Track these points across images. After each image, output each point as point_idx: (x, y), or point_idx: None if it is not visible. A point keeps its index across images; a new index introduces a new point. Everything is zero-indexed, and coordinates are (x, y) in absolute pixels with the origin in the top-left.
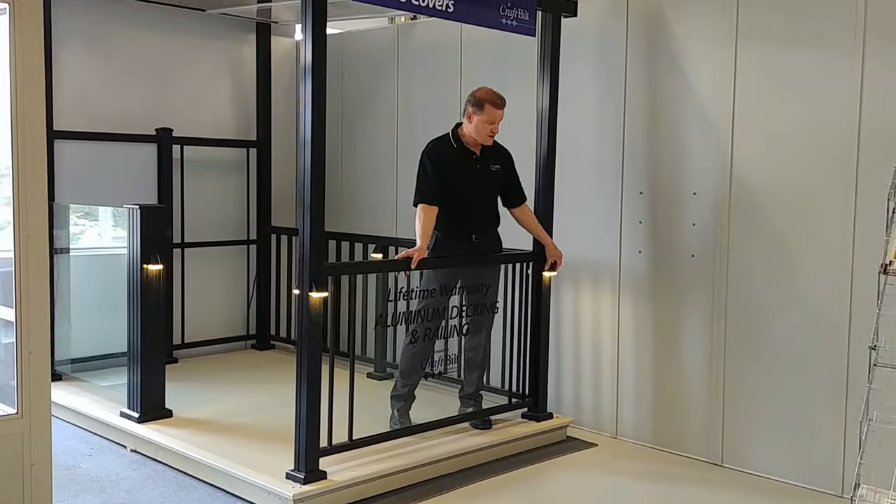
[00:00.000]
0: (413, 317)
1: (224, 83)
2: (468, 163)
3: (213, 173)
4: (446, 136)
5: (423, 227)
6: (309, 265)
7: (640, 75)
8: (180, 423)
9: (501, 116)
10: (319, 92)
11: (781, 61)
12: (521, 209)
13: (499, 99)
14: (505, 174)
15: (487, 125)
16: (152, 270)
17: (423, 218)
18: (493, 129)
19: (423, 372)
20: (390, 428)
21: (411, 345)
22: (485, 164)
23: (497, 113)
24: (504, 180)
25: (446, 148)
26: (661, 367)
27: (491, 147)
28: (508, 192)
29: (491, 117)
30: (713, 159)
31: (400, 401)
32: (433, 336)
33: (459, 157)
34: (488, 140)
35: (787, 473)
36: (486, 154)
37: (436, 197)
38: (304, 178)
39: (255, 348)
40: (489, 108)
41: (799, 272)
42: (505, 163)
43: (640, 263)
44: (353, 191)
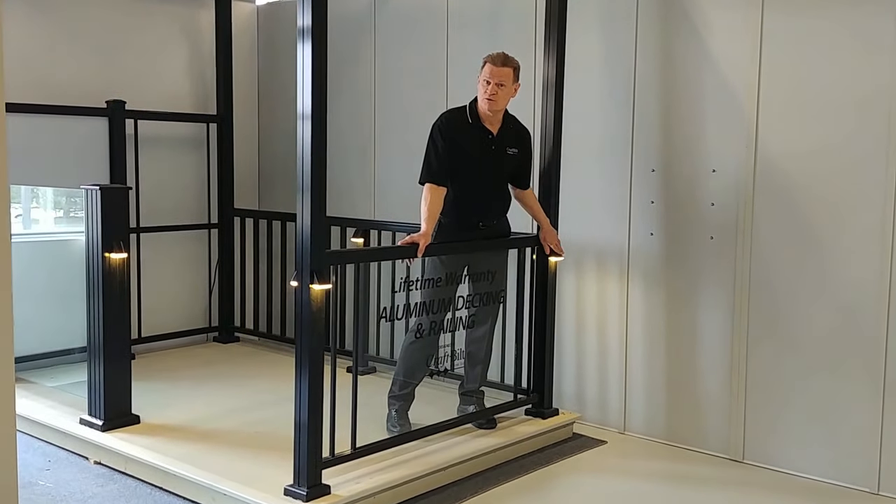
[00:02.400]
0: (418, 309)
1: (180, 51)
2: (482, 142)
3: (169, 151)
4: (462, 108)
5: (430, 209)
6: (310, 254)
7: (652, 41)
8: (150, 431)
9: (501, 76)
10: (320, 57)
11: (813, 23)
12: (525, 192)
13: (499, 57)
14: (521, 158)
15: (484, 84)
16: (115, 259)
17: (429, 199)
18: (490, 90)
19: (429, 370)
20: (387, 430)
21: (417, 340)
22: (500, 146)
23: (493, 70)
24: (519, 164)
25: (460, 121)
26: (674, 358)
27: (511, 126)
28: (519, 175)
29: (486, 75)
30: (735, 133)
31: (399, 401)
32: (439, 330)
33: (473, 134)
34: (485, 103)
35: (816, 470)
36: (503, 134)
37: (445, 176)
38: (303, 155)
39: (218, 341)
40: (486, 65)
41: (831, 255)
42: (523, 147)
43: (653, 246)
44: (328, 169)
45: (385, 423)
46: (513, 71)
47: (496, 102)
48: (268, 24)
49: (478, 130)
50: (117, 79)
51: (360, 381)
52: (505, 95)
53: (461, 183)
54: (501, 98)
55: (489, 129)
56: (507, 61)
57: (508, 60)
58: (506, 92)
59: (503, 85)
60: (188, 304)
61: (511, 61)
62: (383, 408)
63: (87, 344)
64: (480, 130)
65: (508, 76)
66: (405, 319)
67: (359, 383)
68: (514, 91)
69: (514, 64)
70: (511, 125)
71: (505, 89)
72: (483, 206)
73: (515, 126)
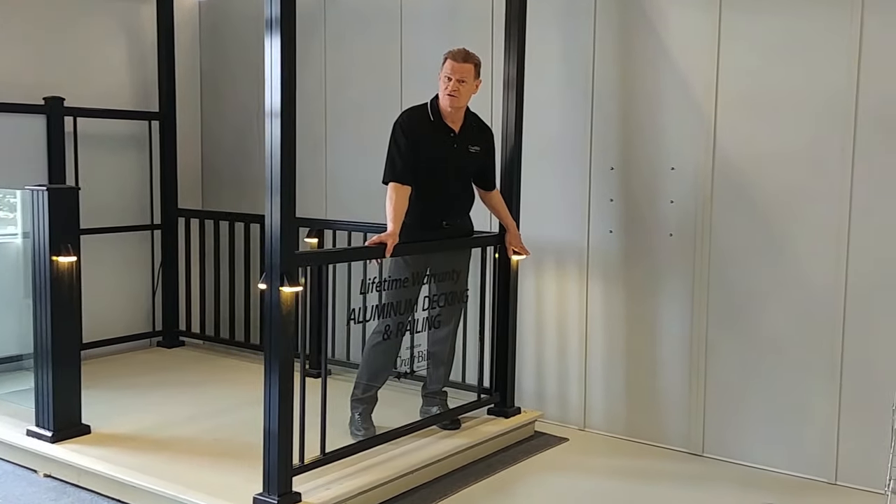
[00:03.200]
0: (385, 310)
1: (120, 46)
2: (444, 140)
3: (110, 149)
4: (424, 106)
5: (395, 208)
6: (280, 255)
7: (611, 39)
8: (103, 441)
9: (463, 72)
10: (289, 50)
11: (771, 23)
12: (491, 193)
13: (460, 53)
14: (483, 156)
15: (445, 80)
16: (64, 263)
17: (394, 199)
18: (452, 86)
19: (395, 371)
20: (351, 434)
21: (383, 342)
22: (462, 144)
23: (454, 66)
24: (481, 163)
25: (422, 119)
26: (634, 355)
27: (472, 125)
28: (484, 174)
29: (447, 71)
30: (694, 131)
31: (363, 404)
32: (405, 331)
33: (435, 133)
34: (447, 99)
35: (775, 462)
36: (465, 132)
37: (409, 175)
38: (272, 153)
39: (162, 346)
40: (447, 61)
41: (789, 253)
42: (485, 145)
43: (612, 244)
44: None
45: (348, 427)
46: (474, 67)
47: (458, 99)
48: (210, 18)
49: (440, 128)
50: (54, 75)
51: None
52: (466, 92)
53: (424, 182)
54: (463, 94)
55: (451, 127)
56: (468, 57)
57: (470, 56)
58: (467, 88)
59: (464, 81)
60: (131, 308)
61: (472, 57)
62: (345, 411)
63: (35, 351)
64: (442, 128)
65: (470, 72)
66: (374, 320)
67: (316, 385)
68: (475, 87)
69: (475, 60)
70: (473, 123)
71: (466, 85)
72: (446, 205)
73: (478, 124)
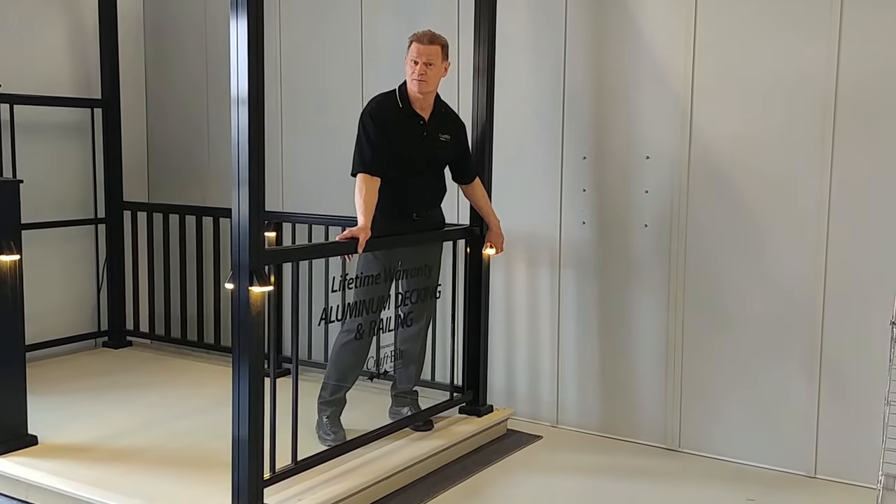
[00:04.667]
0: (357, 308)
1: (57, 27)
2: (413, 128)
3: (49, 139)
4: (391, 93)
5: (366, 201)
6: (249, 253)
7: (582, 25)
8: (53, 453)
9: (430, 54)
10: (256, 32)
11: (748, 7)
12: (472, 185)
13: (426, 35)
14: (455, 146)
15: (412, 65)
16: (6, 262)
17: (364, 191)
18: (419, 70)
19: (367, 372)
20: (319, 438)
21: (353, 341)
22: (433, 132)
23: (420, 49)
24: (454, 153)
25: (391, 107)
26: (608, 349)
27: (442, 113)
28: (459, 167)
29: (413, 54)
30: (669, 118)
31: (331, 406)
32: (376, 329)
33: (404, 121)
34: (415, 84)
35: (753, 456)
36: (435, 119)
37: (379, 166)
38: (238, 143)
39: (109, 346)
40: (413, 45)
41: (767, 243)
42: (456, 133)
43: (585, 235)
44: (226, 158)
45: (315, 432)
46: (441, 48)
47: (427, 83)
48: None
49: (409, 116)
50: None
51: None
52: (435, 75)
53: (395, 172)
54: (432, 78)
55: (420, 115)
56: (434, 38)
57: (436, 38)
58: (435, 71)
59: (432, 64)
60: (74, 308)
61: (439, 38)
62: (311, 414)
63: None
64: (411, 116)
65: (437, 54)
66: (346, 319)
67: (277, 388)
68: (444, 70)
69: (441, 41)
70: (443, 110)
71: (434, 68)
72: (417, 197)
73: (448, 112)
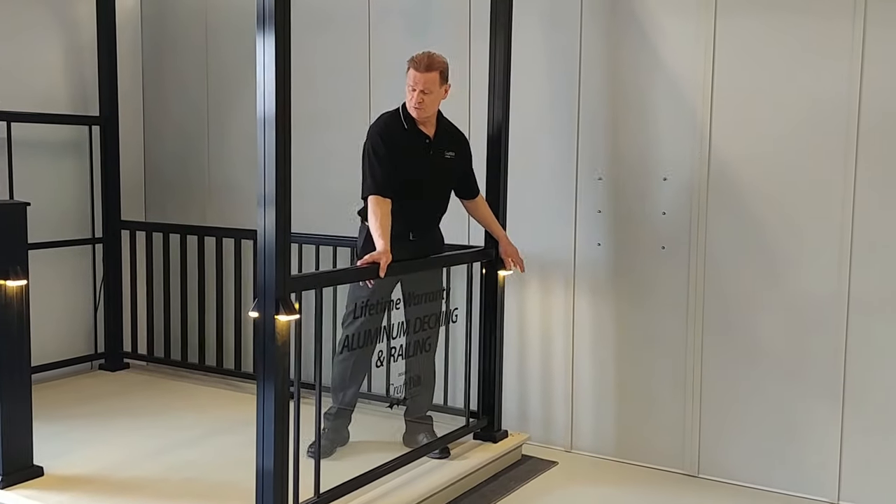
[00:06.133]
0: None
1: (55, 45)
2: (419, 147)
3: (45, 157)
4: (395, 112)
5: (382, 224)
6: (275, 280)
7: (598, 45)
8: (59, 485)
9: (427, 82)
10: (283, 50)
11: (769, 28)
12: (475, 201)
13: (422, 61)
14: (460, 162)
15: (410, 91)
16: (12, 287)
17: (379, 214)
18: (417, 97)
19: (386, 399)
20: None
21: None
22: (438, 150)
23: (416, 77)
24: (459, 169)
25: (396, 126)
26: (624, 373)
27: (446, 130)
28: (463, 183)
29: (410, 81)
30: (687, 140)
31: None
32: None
33: (410, 140)
34: (414, 111)
35: (774, 482)
36: (440, 137)
37: (391, 186)
38: (265, 164)
39: (105, 368)
40: (410, 70)
41: (788, 264)
42: (460, 150)
43: (600, 257)
44: (226, 177)
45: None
46: (439, 75)
47: (424, 110)
48: (153, 14)
49: (414, 135)
50: None
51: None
52: (433, 101)
53: (399, 191)
54: (429, 105)
55: (425, 133)
56: (431, 65)
57: (434, 64)
58: (433, 98)
59: (430, 92)
60: (70, 329)
61: (436, 64)
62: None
63: None
64: (416, 135)
65: (434, 81)
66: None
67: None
68: (443, 94)
69: (439, 66)
70: (447, 128)
71: (432, 96)
72: (418, 216)
73: (451, 129)
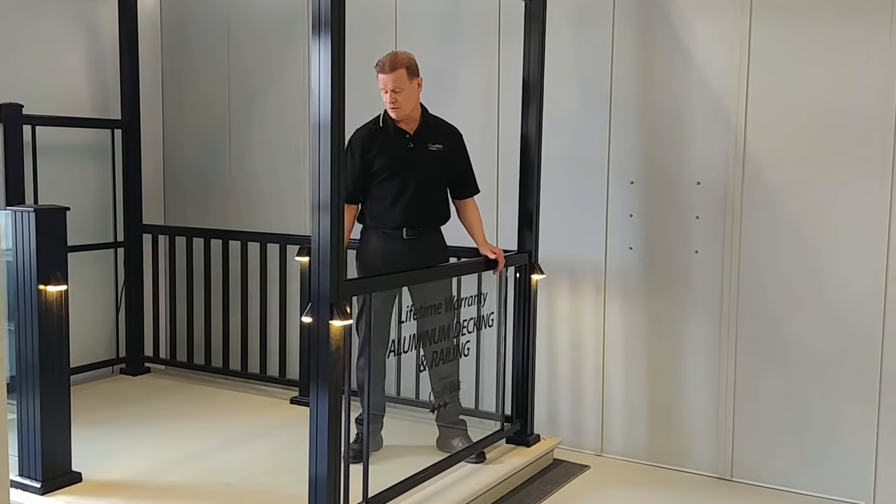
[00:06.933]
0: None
1: (77, 48)
2: (398, 142)
3: (67, 161)
4: (376, 118)
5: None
6: (329, 284)
7: (630, 48)
8: (99, 490)
9: (395, 81)
10: (338, 53)
11: (804, 31)
12: (464, 202)
13: (387, 62)
14: (449, 156)
15: (383, 95)
16: (53, 293)
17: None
18: (390, 98)
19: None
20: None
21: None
22: (421, 143)
23: (384, 78)
24: (449, 164)
25: (372, 133)
26: (656, 376)
27: (431, 124)
28: (456, 180)
29: (381, 84)
30: (721, 143)
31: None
32: (439, 359)
33: (386, 138)
34: (392, 112)
35: (809, 486)
36: (422, 132)
37: (356, 194)
38: (319, 168)
39: (127, 373)
40: (378, 75)
41: (824, 268)
42: (450, 143)
43: (632, 261)
44: (247, 180)
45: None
46: (405, 70)
47: (401, 108)
48: (173, 18)
49: (393, 133)
50: (5, 80)
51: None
52: (407, 98)
53: (379, 186)
54: (404, 102)
55: (405, 130)
56: (396, 64)
57: (398, 62)
58: (406, 94)
59: (401, 90)
60: (91, 334)
61: (400, 61)
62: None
63: (18, 391)
64: (396, 133)
65: (402, 78)
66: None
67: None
68: (417, 87)
69: (404, 63)
70: (431, 122)
71: (405, 93)
72: (408, 212)
73: (437, 123)
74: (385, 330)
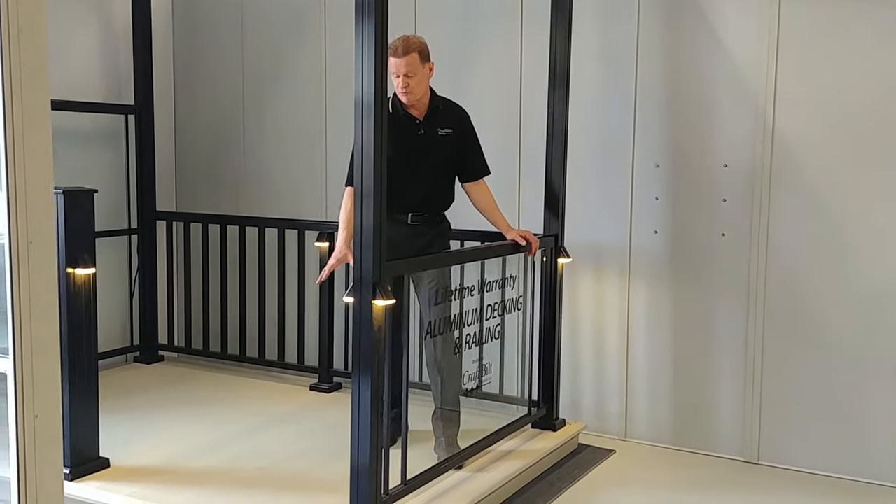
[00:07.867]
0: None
1: (90, 33)
2: (407, 127)
3: (79, 146)
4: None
5: (347, 216)
6: (371, 264)
7: (657, 30)
8: (128, 476)
9: (408, 66)
10: (381, 37)
11: (833, 13)
12: (475, 185)
13: (399, 46)
14: (459, 140)
15: (395, 79)
16: (81, 276)
17: (348, 205)
18: (402, 82)
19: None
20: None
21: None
22: (430, 128)
23: (396, 63)
24: (458, 148)
25: None
26: (681, 360)
27: (439, 108)
28: (462, 164)
29: (392, 69)
30: (749, 126)
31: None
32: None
33: (398, 123)
34: (403, 97)
35: (838, 468)
36: (432, 117)
37: None
38: (363, 151)
39: (141, 361)
40: (390, 59)
41: (852, 249)
42: (459, 127)
43: (657, 245)
44: (259, 167)
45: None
46: (418, 55)
47: (412, 93)
48: (185, 3)
49: (403, 118)
50: None
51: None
52: (419, 83)
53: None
54: (416, 87)
55: (414, 115)
56: (408, 48)
57: (410, 46)
58: (418, 80)
59: (413, 75)
60: (105, 322)
61: (413, 45)
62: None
63: None
64: (406, 118)
65: (415, 63)
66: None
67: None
68: (428, 73)
69: (416, 48)
70: (440, 106)
71: (417, 78)
72: (413, 197)
73: (447, 106)
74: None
